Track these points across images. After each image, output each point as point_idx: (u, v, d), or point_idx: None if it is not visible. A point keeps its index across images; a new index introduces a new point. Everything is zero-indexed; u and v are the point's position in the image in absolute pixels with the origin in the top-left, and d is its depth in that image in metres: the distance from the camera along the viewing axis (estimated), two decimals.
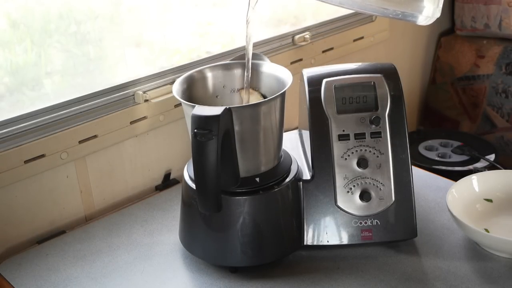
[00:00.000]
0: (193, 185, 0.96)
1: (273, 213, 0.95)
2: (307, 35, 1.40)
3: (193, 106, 0.86)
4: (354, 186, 0.97)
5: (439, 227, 1.05)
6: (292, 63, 1.40)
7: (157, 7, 1.19)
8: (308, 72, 1.02)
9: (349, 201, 0.97)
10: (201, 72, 1.00)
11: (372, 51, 1.62)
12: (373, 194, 0.97)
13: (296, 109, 1.12)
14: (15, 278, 0.98)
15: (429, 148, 1.69)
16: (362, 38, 1.56)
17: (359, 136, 0.97)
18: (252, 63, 1.00)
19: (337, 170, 0.97)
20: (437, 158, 1.64)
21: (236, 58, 1.02)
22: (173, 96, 0.93)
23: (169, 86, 1.18)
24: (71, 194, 1.12)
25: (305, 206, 0.98)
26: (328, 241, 0.98)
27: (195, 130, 0.82)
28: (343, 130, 0.97)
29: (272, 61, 1.01)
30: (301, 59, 1.42)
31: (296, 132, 1.16)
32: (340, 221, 0.97)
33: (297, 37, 1.39)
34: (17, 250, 1.06)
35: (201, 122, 0.82)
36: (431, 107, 1.90)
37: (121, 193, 1.19)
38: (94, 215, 1.16)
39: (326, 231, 0.98)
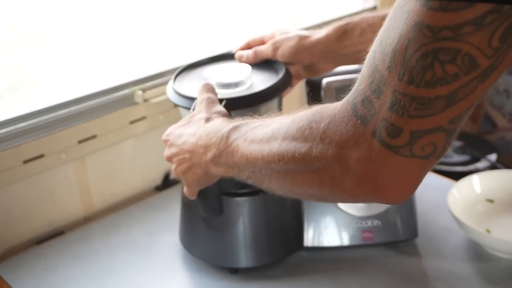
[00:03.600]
0: None
1: (273, 214, 0.94)
2: None
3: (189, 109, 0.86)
4: None
5: (440, 228, 1.05)
6: None
7: (158, 7, 1.19)
8: None
9: None
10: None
11: None
12: None
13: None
14: (14, 278, 0.97)
15: None
16: None
17: None
18: None
19: None
20: None
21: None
22: None
23: None
24: (70, 195, 1.12)
25: (305, 207, 0.97)
26: (328, 242, 0.98)
27: None
28: None
29: None
30: None
31: None
32: (340, 222, 0.97)
33: None
34: (16, 251, 1.05)
35: None
36: None
37: (121, 193, 1.19)
38: (93, 215, 1.15)
39: (327, 232, 0.97)
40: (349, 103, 0.56)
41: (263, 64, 0.98)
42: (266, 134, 0.66)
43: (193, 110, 0.84)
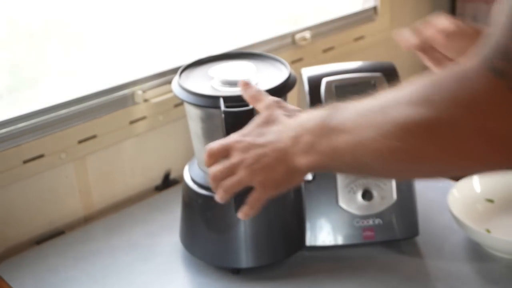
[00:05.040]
0: (194, 186, 0.95)
1: (274, 214, 0.94)
2: (307, 34, 1.40)
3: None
4: (355, 185, 0.96)
5: (440, 227, 1.05)
6: (292, 62, 1.39)
7: (158, 6, 1.19)
8: (308, 71, 1.01)
9: (351, 201, 0.96)
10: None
11: (372, 50, 1.61)
12: (374, 193, 0.96)
13: None
14: (14, 279, 0.97)
15: None
16: (363, 37, 1.55)
17: None
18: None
19: None
20: None
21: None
22: (173, 96, 0.93)
23: (168, 85, 1.17)
24: (70, 195, 1.12)
25: (306, 207, 0.97)
26: (330, 242, 0.98)
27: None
28: None
29: None
30: (301, 59, 1.41)
31: None
32: (342, 221, 0.97)
33: (297, 36, 1.38)
34: (16, 251, 1.05)
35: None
36: None
37: (121, 193, 1.19)
38: (94, 215, 1.15)
39: (328, 231, 0.97)
40: (483, 60, 0.50)
41: (264, 63, 0.98)
42: (381, 105, 0.58)
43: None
